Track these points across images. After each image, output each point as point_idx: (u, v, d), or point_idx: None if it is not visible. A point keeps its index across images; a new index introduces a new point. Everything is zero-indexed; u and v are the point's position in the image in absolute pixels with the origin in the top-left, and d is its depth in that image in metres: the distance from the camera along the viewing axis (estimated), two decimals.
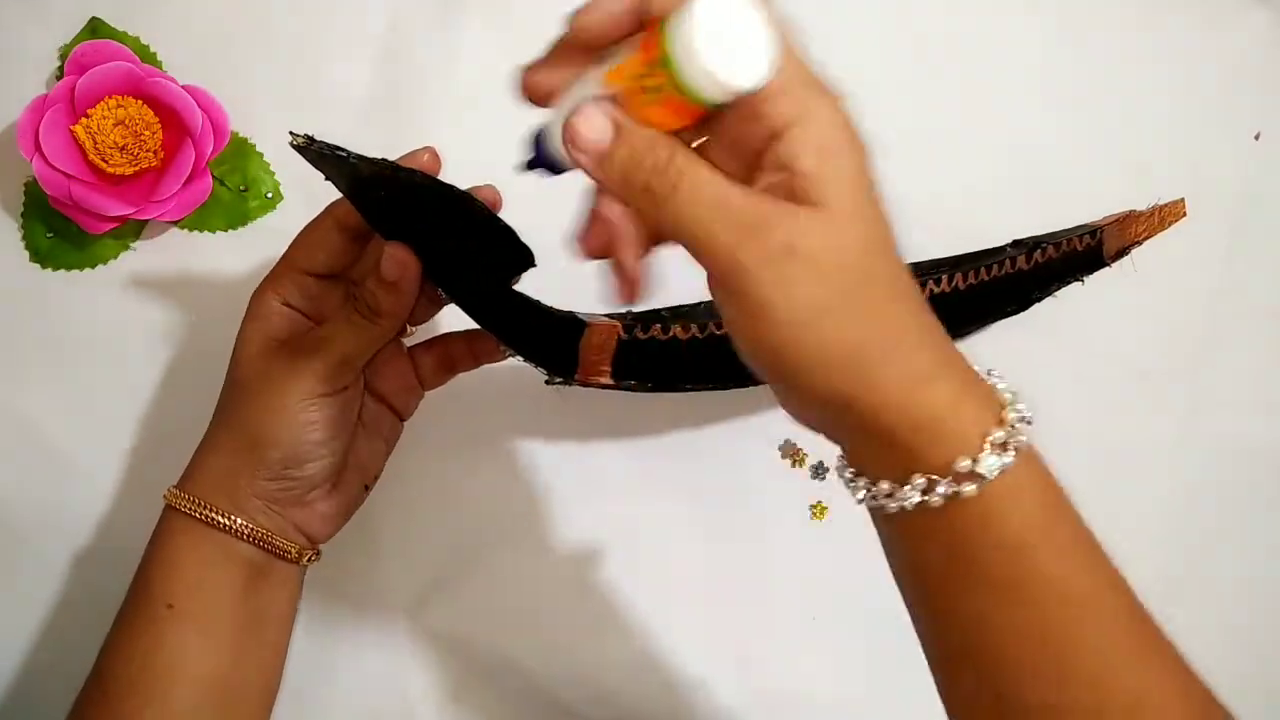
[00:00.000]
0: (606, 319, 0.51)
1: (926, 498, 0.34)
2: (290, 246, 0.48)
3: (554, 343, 0.49)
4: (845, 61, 0.58)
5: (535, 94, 0.37)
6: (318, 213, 0.49)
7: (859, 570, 0.45)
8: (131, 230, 0.56)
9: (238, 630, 0.46)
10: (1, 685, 0.56)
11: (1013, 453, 0.34)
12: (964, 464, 0.34)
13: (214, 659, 0.45)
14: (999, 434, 0.34)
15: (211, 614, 0.45)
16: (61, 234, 0.56)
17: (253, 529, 0.45)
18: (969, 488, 0.34)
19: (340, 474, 0.48)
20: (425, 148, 0.46)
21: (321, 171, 0.44)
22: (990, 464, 0.34)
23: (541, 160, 0.39)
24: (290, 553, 0.47)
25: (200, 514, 0.45)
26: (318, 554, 0.49)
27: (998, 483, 0.34)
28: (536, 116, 0.39)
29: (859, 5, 0.59)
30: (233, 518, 0.45)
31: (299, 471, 0.46)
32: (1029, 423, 0.35)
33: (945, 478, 0.34)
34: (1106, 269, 0.59)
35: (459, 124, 0.57)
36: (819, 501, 0.58)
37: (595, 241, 0.38)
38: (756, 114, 0.34)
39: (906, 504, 0.34)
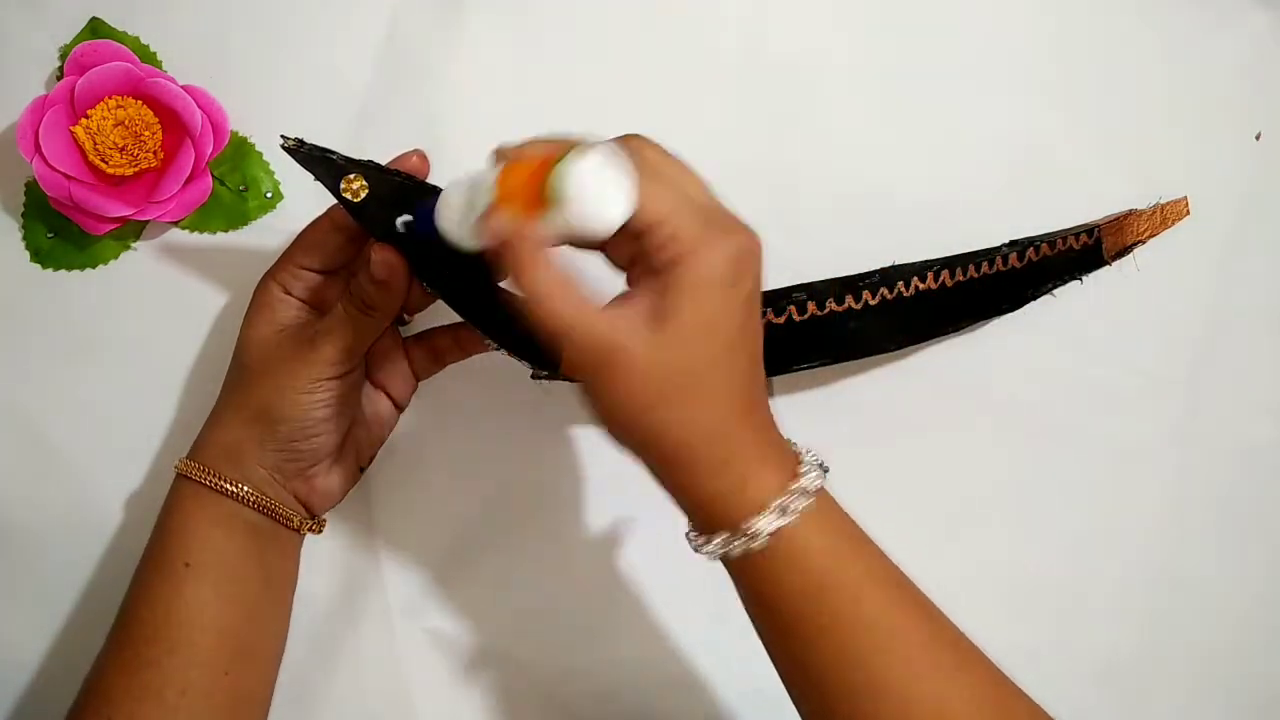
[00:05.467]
0: None
1: (727, 550, 0.41)
2: (290, 245, 0.50)
3: (538, 338, 0.50)
4: (845, 62, 0.59)
5: None
6: (317, 213, 0.50)
7: None
8: (132, 231, 0.56)
9: (249, 589, 0.49)
10: (3, 684, 0.56)
11: (792, 515, 0.40)
12: (750, 524, 0.41)
13: (230, 614, 0.48)
14: (777, 501, 0.41)
15: (225, 573, 0.49)
16: (62, 234, 0.56)
17: (259, 497, 0.49)
18: (756, 543, 0.41)
19: (340, 452, 0.51)
20: (414, 150, 0.49)
21: (312, 173, 0.46)
22: (765, 524, 0.40)
23: (422, 226, 0.45)
24: (292, 521, 0.50)
25: (210, 481, 0.49)
26: (318, 525, 0.52)
27: (784, 539, 0.41)
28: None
29: (859, 5, 0.58)
30: (240, 485, 0.49)
31: (304, 445, 0.49)
32: (817, 480, 0.42)
33: (736, 536, 0.41)
34: (1106, 268, 0.59)
35: (459, 124, 0.57)
36: None
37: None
38: (639, 242, 0.40)
39: (712, 554, 0.42)
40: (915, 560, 0.49)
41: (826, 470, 0.43)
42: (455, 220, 0.43)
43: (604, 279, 0.43)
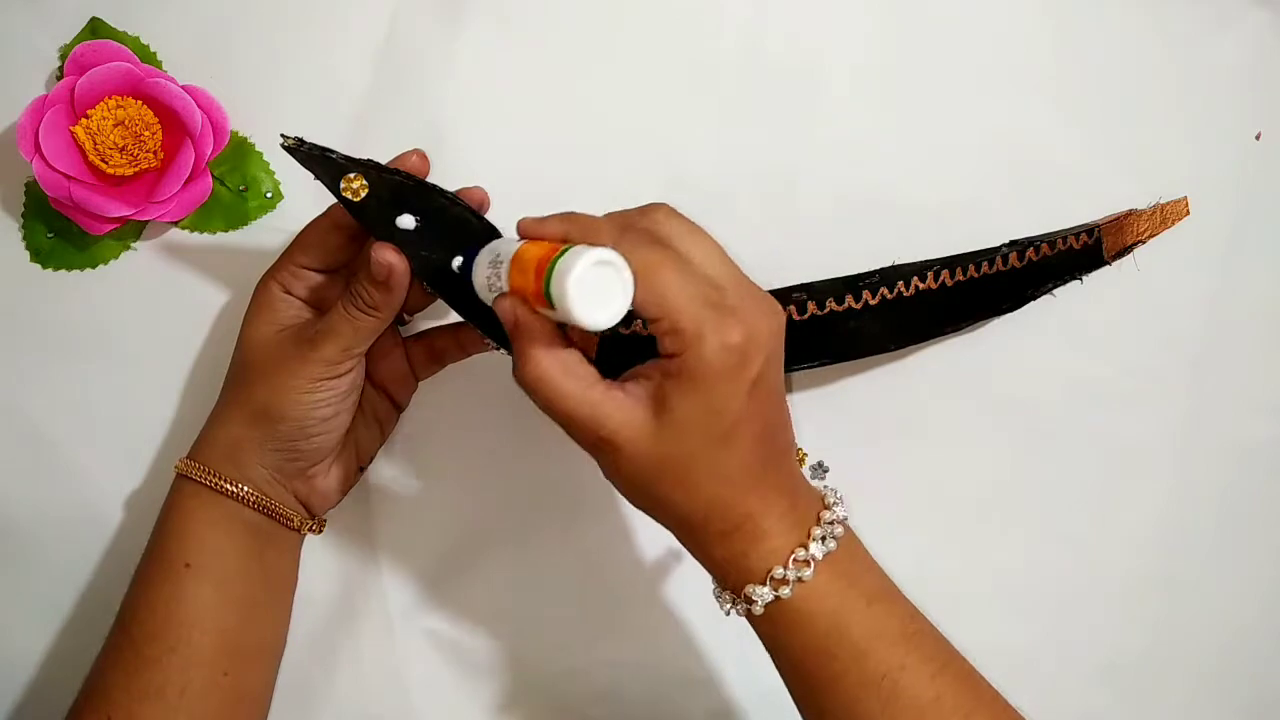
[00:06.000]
0: None
1: (734, 609, 0.44)
2: (290, 245, 0.50)
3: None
4: (845, 61, 0.59)
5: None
6: (317, 213, 0.50)
7: None
8: (132, 231, 0.56)
9: (250, 589, 0.49)
10: (3, 684, 0.56)
11: (791, 584, 0.42)
12: (751, 591, 0.43)
13: (230, 614, 0.49)
14: (779, 571, 0.42)
15: (225, 572, 0.49)
16: (62, 234, 0.56)
17: (258, 497, 0.49)
18: (755, 608, 0.43)
19: (340, 452, 0.51)
20: (414, 150, 0.49)
21: (312, 172, 0.46)
22: (764, 593, 0.43)
23: (465, 273, 0.47)
24: (292, 521, 0.50)
25: (210, 481, 0.49)
26: (318, 525, 0.52)
27: (787, 602, 0.42)
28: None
29: (859, 5, 0.59)
30: (240, 485, 0.49)
31: (305, 445, 0.49)
32: (828, 544, 0.43)
33: (739, 600, 0.43)
34: (1106, 268, 0.59)
35: (458, 124, 0.57)
36: None
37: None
38: (657, 328, 0.42)
39: (727, 612, 0.44)
40: (915, 560, 0.49)
41: (845, 520, 0.44)
42: (483, 284, 0.46)
43: None
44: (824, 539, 0.43)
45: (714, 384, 0.41)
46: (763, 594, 0.43)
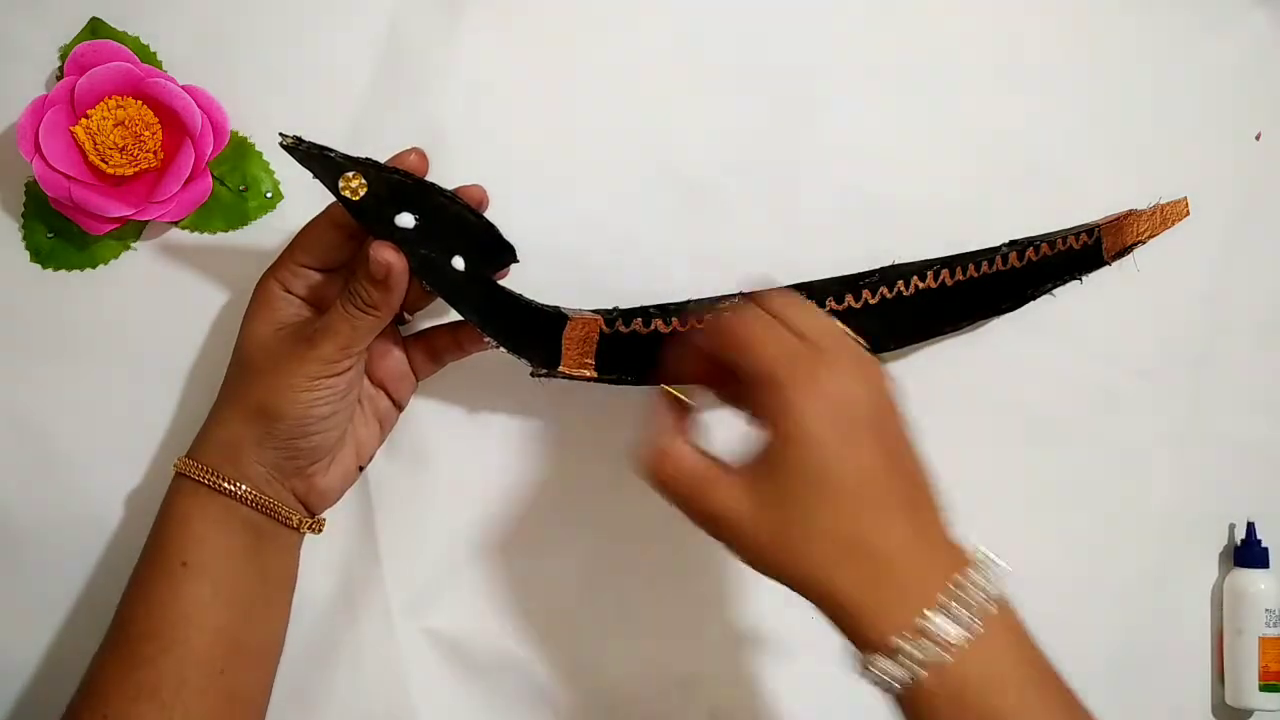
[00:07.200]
0: (589, 313, 0.52)
1: (866, 678, 0.41)
2: (290, 244, 0.50)
3: (537, 336, 0.52)
4: (845, 62, 0.59)
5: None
6: (317, 212, 0.50)
7: None
8: (132, 231, 0.56)
9: (247, 588, 0.49)
10: (2, 683, 0.56)
11: (909, 662, 0.39)
12: (871, 660, 0.41)
13: (227, 613, 0.48)
14: (897, 642, 0.40)
15: (223, 571, 0.49)
16: (62, 234, 0.56)
17: (257, 496, 0.49)
18: (875, 680, 0.40)
19: (339, 451, 0.51)
20: (412, 149, 0.49)
21: (311, 171, 0.46)
22: (886, 666, 0.40)
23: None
24: (291, 520, 0.50)
25: (209, 480, 0.49)
26: (318, 525, 0.52)
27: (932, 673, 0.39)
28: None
29: (859, 6, 0.59)
30: (239, 484, 0.49)
31: (304, 443, 0.49)
32: (956, 622, 0.40)
33: (865, 671, 0.41)
34: (1106, 268, 0.59)
35: (458, 123, 0.57)
36: None
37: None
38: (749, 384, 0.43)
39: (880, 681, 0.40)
40: None
41: (996, 595, 0.41)
42: None
43: None
44: (945, 617, 0.40)
45: (813, 449, 0.41)
46: (887, 667, 0.40)
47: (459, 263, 0.48)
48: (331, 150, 0.46)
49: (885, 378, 0.44)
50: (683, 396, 0.46)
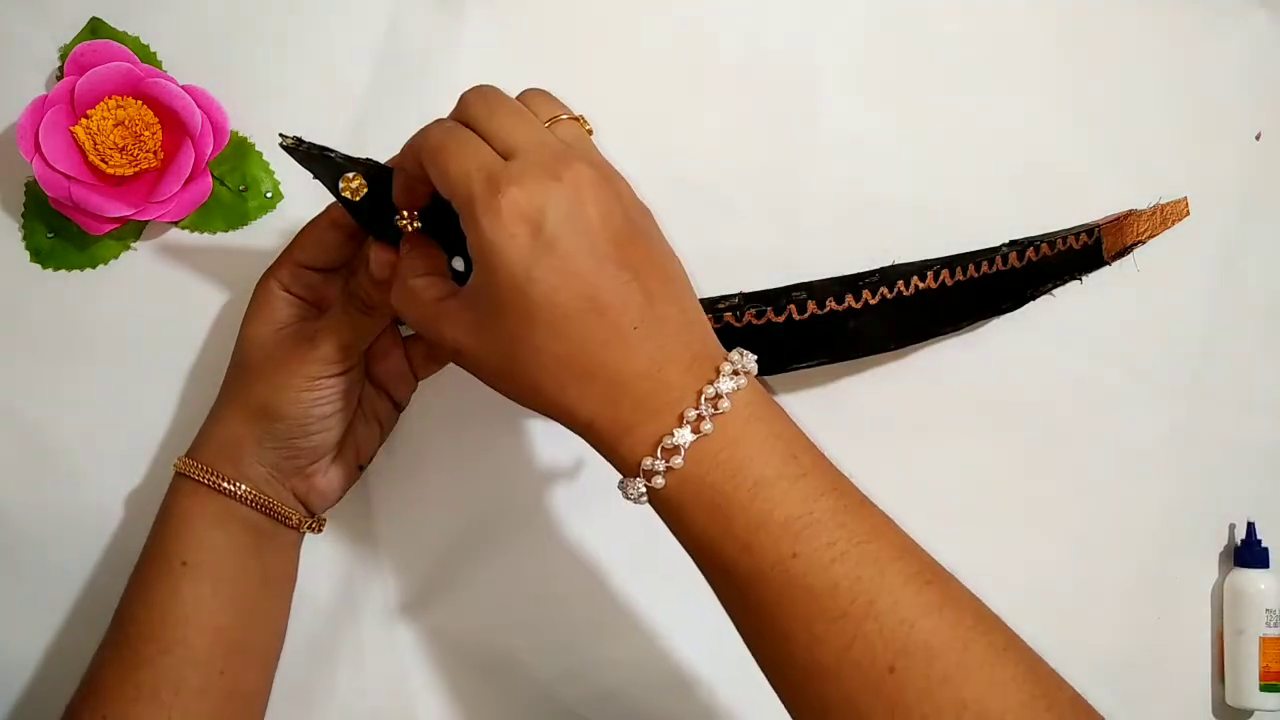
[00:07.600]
0: None
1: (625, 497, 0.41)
2: (290, 244, 0.51)
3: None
4: (846, 62, 0.59)
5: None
6: (317, 212, 0.50)
7: None
8: (132, 230, 0.56)
9: (247, 588, 0.49)
10: (2, 683, 0.56)
11: (658, 476, 0.40)
12: (625, 485, 0.41)
13: (226, 613, 0.49)
14: (648, 461, 0.40)
15: (222, 571, 0.49)
16: (62, 234, 0.56)
17: (256, 495, 0.49)
18: (630, 500, 0.41)
19: (339, 451, 0.51)
20: None
21: (311, 171, 0.46)
22: (632, 488, 0.41)
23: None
24: (291, 519, 0.50)
25: (208, 480, 0.49)
26: (318, 524, 0.52)
27: (663, 492, 0.40)
28: None
29: (860, 6, 0.59)
30: (238, 484, 0.49)
31: (304, 443, 0.49)
32: (694, 432, 0.39)
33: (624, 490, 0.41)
34: (1106, 268, 0.59)
35: None
36: None
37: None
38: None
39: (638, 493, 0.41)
40: None
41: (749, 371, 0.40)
42: None
43: None
44: (683, 430, 0.39)
45: (498, 263, 0.39)
46: (633, 490, 0.41)
47: (459, 263, 0.48)
48: (331, 150, 0.46)
49: (604, 182, 0.40)
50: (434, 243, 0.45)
